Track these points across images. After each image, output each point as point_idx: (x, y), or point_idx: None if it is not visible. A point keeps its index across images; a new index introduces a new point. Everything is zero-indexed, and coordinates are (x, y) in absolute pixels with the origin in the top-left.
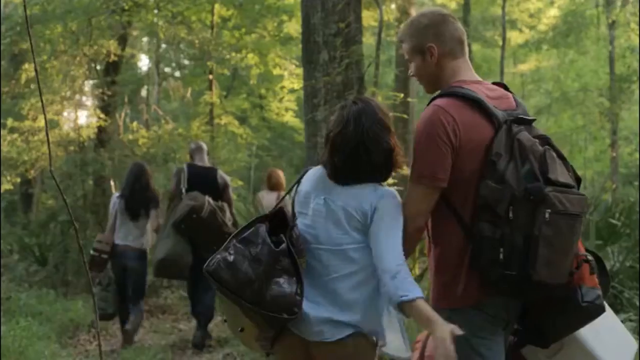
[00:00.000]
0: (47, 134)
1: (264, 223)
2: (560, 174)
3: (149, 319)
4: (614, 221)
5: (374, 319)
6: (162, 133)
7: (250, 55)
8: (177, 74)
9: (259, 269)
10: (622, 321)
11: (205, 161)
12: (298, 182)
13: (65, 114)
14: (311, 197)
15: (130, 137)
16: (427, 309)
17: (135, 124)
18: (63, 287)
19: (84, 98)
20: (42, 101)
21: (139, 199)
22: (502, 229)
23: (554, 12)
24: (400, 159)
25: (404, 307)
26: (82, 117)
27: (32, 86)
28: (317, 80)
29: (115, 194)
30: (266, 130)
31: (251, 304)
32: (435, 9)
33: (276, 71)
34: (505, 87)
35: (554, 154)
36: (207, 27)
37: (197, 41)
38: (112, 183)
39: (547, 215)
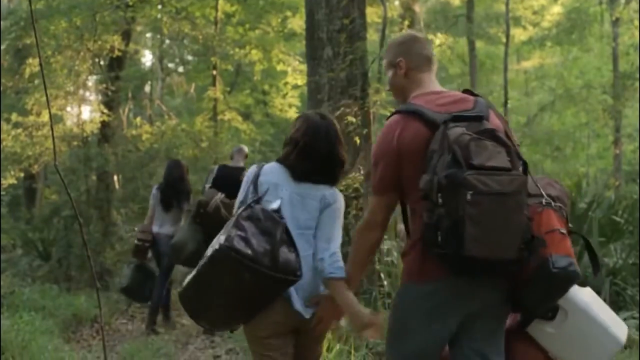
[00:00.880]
0: (52, 129)
1: (257, 204)
2: (488, 159)
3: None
4: (616, 218)
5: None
6: (166, 128)
7: (254, 51)
8: (181, 69)
9: (271, 240)
10: (624, 319)
11: (240, 162)
12: (257, 175)
13: (69, 109)
14: (278, 188)
15: (134, 132)
16: (345, 288)
17: (138, 119)
18: (66, 282)
19: (87, 93)
20: (47, 96)
21: (171, 192)
22: (437, 214)
23: (557, 9)
24: (343, 170)
25: (329, 282)
26: (85, 112)
27: (36, 81)
28: (321, 76)
29: (155, 187)
30: (269, 126)
31: (269, 270)
32: (410, 31)
33: (280, 67)
34: (472, 93)
35: (488, 143)
36: (211, 22)
37: (201, 37)
38: (115, 178)
39: (469, 197)
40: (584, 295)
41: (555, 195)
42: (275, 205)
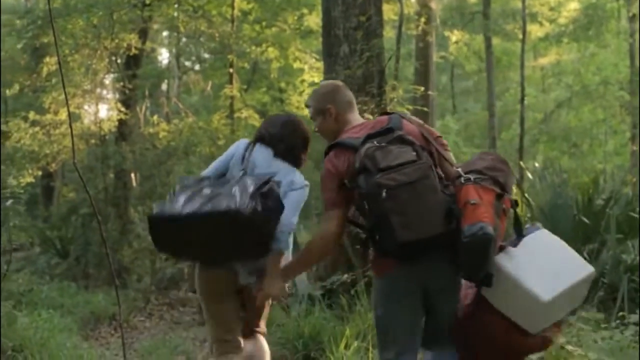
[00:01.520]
0: (70, 127)
1: (271, 181)
2: (394, 160)
3: (170, 311)
4: (634, 215)
5: None
6: (183, 126)
7: (270, 49)
8: (197, 67)
9: (275, 217)
10: None
11: None
12: (250, 151)
13: (86, 107)
14: (260, 165)
15: (151, 130)
16: (279, 261)
17: (155, 117)
18: (84, 279)
19: (104, 92)
20: (65, 94)
21: None
22: (369, 218)
23: (574, 5)
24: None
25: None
26: (103, 111)
27: (54, 80)
28: (337, 74)
29: None
30: None
31: (269, 235)
32: (330, 81)
33: (296, 64)
34: (387, 113)
35: (393, 147)
36: (228, 20)
37: (217, 35)
38: (132, 176)
39: (384, 194)
40: (511, 257)
41: (485, 167)
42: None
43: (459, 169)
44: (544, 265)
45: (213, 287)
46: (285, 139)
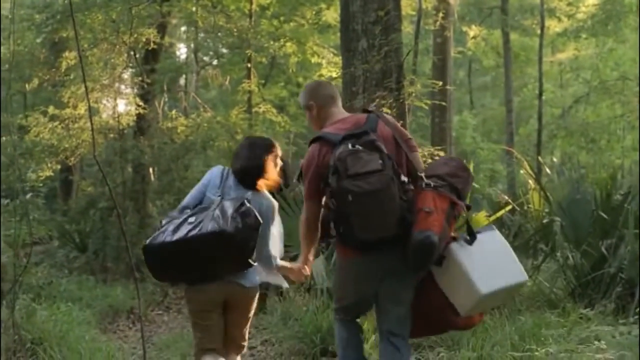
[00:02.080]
0: (91, 121)
1: (249, 203)
2: (360, 167)
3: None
4: None
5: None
6: (201, 121)
7: (288, 44)
8: (215, 62)
9: (249, 232)
10: None
11: None
12: (226, 176)
13: (104, 101)
14: (232, 185)
15: (169, 124)
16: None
17: (174, 112)
18: (102, 273)
19: (123, 86)
20: (86, 88)
21: None
22: (334, 213)
23: (592, 0)
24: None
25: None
26: (121, 105)
27: (73, 74)
28: (356, 68)
29: None
30: (304, 119)
31: (245, 254)
32: (314, 80)
33: (314, 59)
34: (368, 111)
35: (363, 154)
36: (246, 15)
37: (235, 29)
38: (150, 170)
39: (350, 198)
40: (467, 250)
41: (446, 173)
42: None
43: (422, 173)
44: (490, 263)
45: (199, 303)
46: (242, 168)
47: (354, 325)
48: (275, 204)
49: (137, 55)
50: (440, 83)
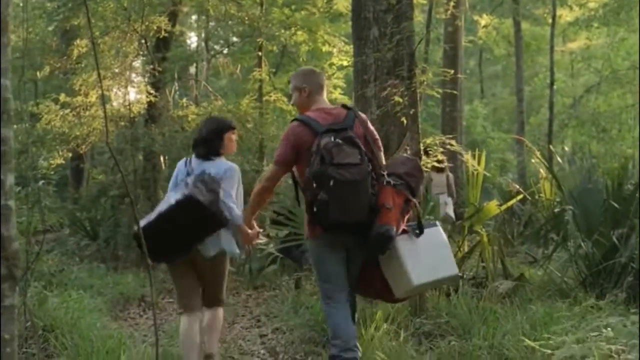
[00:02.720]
0: (104, 109)
1: (204, 174)
2: (343, 158)
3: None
4: None
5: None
6: (212, 109)
7: (299, 32)
8: (226, 51)
9: (215, 195)
10: None
11: None
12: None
13: (115, 89)
14: (195, 166)
15: (180, 113)
16: (244, 230)
17: (184, 100)
18: (113, 261)
19: (134, 74)
20: (99, 75)
21: None
22: (313, 195)
23: None
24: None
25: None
26: (132, 93)
27: (84, 62)
28: (367, 57)
29: None
30: None
31: (215, 213)
32: (309, 67)
33: (325, 48)
34: (347, 107)
35: (346, 147)
36: (257, 4)
37: (246, 18)
38: (161, 158)
39: (331, 184)
40: (407, 241)
41: (404, 172)
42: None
43: (385, 171)
44: (427, 257)
45: (175, 270)
46: (201, 142)
47: (348, 309)
48: (237, 167)
49: (148, 44)
50: (452, 72)
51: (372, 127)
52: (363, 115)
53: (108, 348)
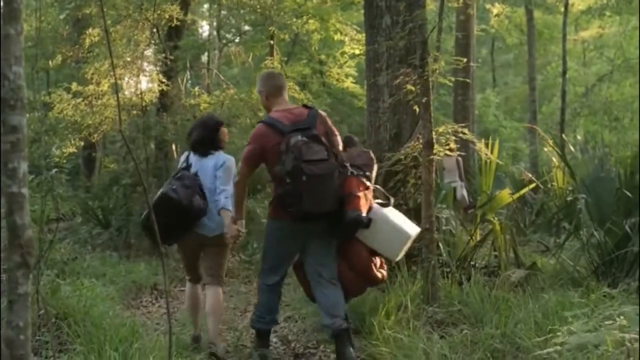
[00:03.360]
0: (117, 97)
1: (185, 170)
2: (312, 155)
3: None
4: None
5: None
6: (224, 98)
7: (311, 21)
8: (238, 39)
9: (190, 191)
10: None
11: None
12: (187, 157)
13: (126, 78)
14: (194, 162)
15: (192, 101)
16: (228, 214)
17: (196, 89)
18: (125, 249)
19: (145, 63)
20: (112, 64)
21: None
22: (286, 188)
23: None
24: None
25: (222, 211)
26: (144, 82)
27: (96, 51)
28: (379, 45)
29: None
30: (326, 96)
31: (189, 209)
32: (269, 70)
33: (337, 37)
34: (308, 107)
35: (314, 144)
36: None
37: (258, 7)
38: (173, 147)
39: (304, 178)
40: (386, 211)
41: (361, 163)
42: (193, 170)
43: (347, 163)
44: (401, 220)
45: (185, 247)
46: (201, 142)
47: (278, 289)
48: (233, 159)
49: (160, 32)
50: (464, 60)
51: (331, 124)
52: (323, 114)
53: (121, 336)
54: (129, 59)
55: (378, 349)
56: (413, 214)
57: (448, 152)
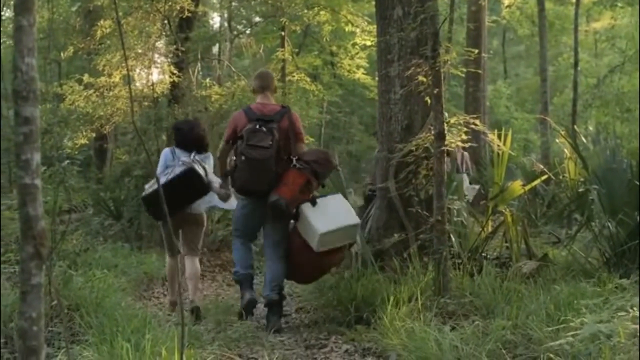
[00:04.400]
0: (129, 88)
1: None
2: (256, 141)
3: (222, 272)
4: None
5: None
6: (235, 89)
7: (322, 12)
8: (249, 31)
9: (204, 170)
10: None
11: None
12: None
13: (138, 70)
14: (182, 155)
15: (204, 93)
16: (215, 186)
17: (208, 80)
18: (137, 241)
19: (157, 55)
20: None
21: None
22: (235, 164)
23: None
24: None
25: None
26: (155, 73)
27: (108, 42)
28: (391, 36)
29: None
30: (337, 87)
31: (208, 184)
32: (260, 70)
33: (348, 28)
34: (283, 107)
35: (262, 133)
36: None
37: None
38: None
39: (243, 158)
40: (310, 206)
41: (312, 160)
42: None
43: (295, 157)
44: (328, 213)
45: (169, 225)
46: (194, 141)
47: (247, 246)
48: (211, 154)
49: (172, 24)
50: (476, 51)
51: (299, 124)
52: (295, 115)
53: (133, 327)
54: (140, 51)
55: (389, 340)
56: (424, 205)
57: (459, 143)
